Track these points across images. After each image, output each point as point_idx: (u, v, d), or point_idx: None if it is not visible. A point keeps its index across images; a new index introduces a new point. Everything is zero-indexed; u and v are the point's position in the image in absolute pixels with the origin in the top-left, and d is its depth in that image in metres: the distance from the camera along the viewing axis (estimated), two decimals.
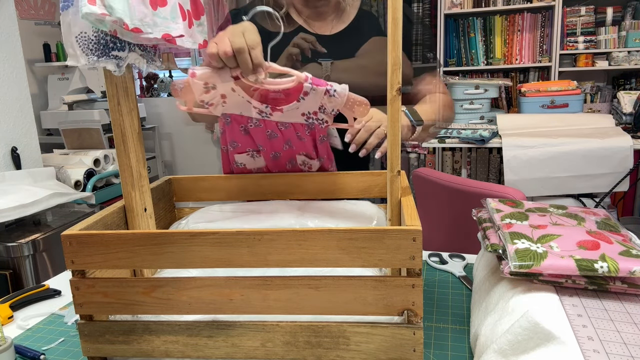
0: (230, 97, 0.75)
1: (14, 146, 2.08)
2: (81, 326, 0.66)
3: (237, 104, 0.76)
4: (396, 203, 0.66)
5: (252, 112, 0.77)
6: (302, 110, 0.75)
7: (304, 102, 0.74)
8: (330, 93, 0.72)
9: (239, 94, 0.75)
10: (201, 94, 0.75)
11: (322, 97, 0.72)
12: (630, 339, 0.51)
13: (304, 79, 0.72)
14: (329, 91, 0.72)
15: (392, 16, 0.59)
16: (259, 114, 0.77)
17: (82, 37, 0.66)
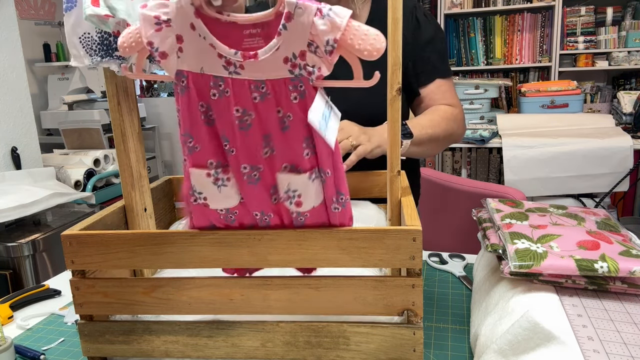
0: (189, 39, 0.52)
1: (14, 146, 2.08)
2: (81, 326, 0.66)
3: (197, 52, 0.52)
4: (396, 203, 0.66)
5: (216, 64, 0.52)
6: (284, 51, 0.50)
7: (286, 36, 0.49)
8: (324, 12, 0.48)
9: (200, 33, 0.51)
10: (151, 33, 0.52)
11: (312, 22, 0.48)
12: (630, 339, 0.51)
13: None
14: (321, 10, 0.48)
15: (392, 16, 0.59)
16: (226, 67, 0.52)
17: (85, 37, 0.66)
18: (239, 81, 0.52)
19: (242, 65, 0.51)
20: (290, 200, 0.56)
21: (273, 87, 0.52)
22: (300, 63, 0.50)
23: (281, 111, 0.52)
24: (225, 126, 0.54)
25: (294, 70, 0.51)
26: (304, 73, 0.51)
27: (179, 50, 0.53)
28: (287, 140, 0.53)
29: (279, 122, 0.53)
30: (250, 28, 0.52)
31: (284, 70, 0.51)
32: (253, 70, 0.51)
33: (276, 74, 0.51)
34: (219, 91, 0.53)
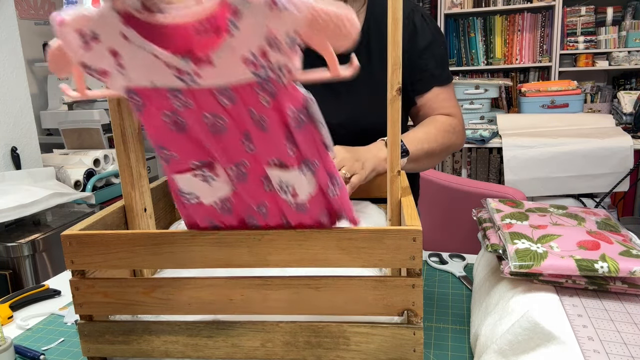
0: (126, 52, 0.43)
1: (13, 146, 2.08)
2: (81, 326, 0.66)
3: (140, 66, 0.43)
4: (396, 203, 0.66)
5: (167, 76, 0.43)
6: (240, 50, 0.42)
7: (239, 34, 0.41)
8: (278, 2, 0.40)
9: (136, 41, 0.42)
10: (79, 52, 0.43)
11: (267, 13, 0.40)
12: (630, 339, 0.51)
13: None
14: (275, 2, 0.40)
15: (392, 16, 0.59)
16: (180, 78, 0.43)
17: None
18: (201, 91, 0.45)
19: (198, 74, 0.43)
20: (285, 193, 0.53)
21: (238, 91, 0.45)
22: (263, 63, 0.43)
23: (254, 112, 0.46)
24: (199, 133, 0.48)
25: (257, 71, 0.43)
26: (270, 74, 0.43)
27: (118, 66, 0.44)
28: (268, 139, 0.48)
29: (255, 123, 0.47)
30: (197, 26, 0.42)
31: (247, 73, 0.43)
32: (212, 77, 0.44)
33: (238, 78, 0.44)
34: (181, 102, 0.46)
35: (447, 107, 1.02)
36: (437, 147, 0.95)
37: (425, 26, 1.01)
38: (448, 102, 1.03)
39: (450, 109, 1.02)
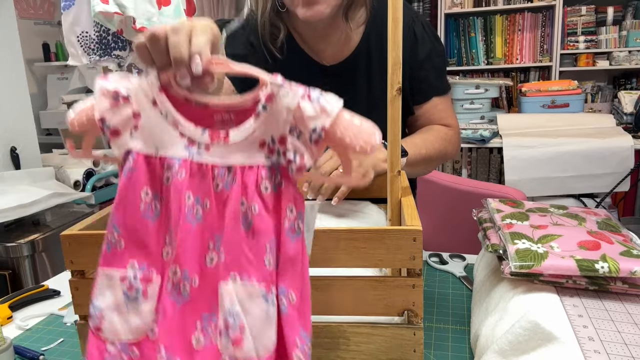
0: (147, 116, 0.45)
1: (13, 146, 2.07)
2: (80, 326, 0.66)
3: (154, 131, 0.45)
4: (396, 203, 0.66)
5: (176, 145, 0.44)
6: (261, 135, 0.42)
7: (265, 118, 0.42)
8: (313, 97, 0.41)
9: (163, 110, 0.45)
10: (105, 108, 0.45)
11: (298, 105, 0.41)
12: (631, 340, 0.51)
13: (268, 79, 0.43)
14: (310, 95, 0.41)
15: (392, 16, 0.59)
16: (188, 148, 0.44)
17: (83, 36, 0.66)
18: (201, 165, 0.44)
19: (208, 147, 0.44)
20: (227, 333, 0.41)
21: (242, 173, 0.43)
22: (279, 148, 0.42)
23: (245, 203, 0.42)
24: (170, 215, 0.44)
25: (270, 156, 0.43)
26: (282, 161, 0.42)
27: (133, 128, 0.45)
28: (245, 239, 0.42)
29: (241, 217, 0.42)
30: (222, 113, 0.45)
31: (259, 156, 0.43)
32: (220, 153, 0.43)
33: (249, 159, 0.43)
34: (172, 174, 0.44)
35: (444, 117, 1.04)
36: (434, 153, 0.96)
37: (425, 36, 1.01)
38: (446, 112, 1.04)
39: (448, 120, 1.04)
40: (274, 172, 0.43)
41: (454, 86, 2.68)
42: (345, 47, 0.99)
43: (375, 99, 0.99)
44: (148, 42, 0.46)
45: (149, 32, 0.45)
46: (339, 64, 1.00)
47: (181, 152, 0.44)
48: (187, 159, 0.44)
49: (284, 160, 0.42)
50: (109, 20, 0.62)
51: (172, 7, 0.66)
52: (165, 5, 0.65)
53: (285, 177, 0.42)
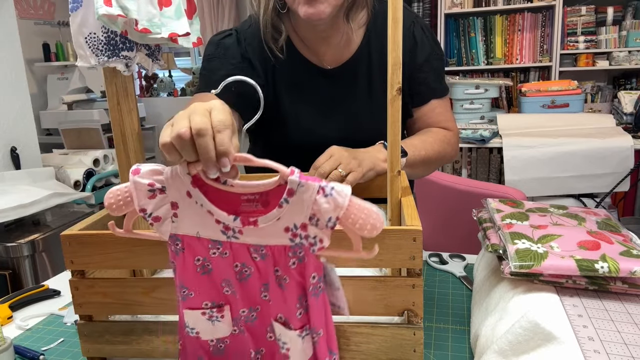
0: (185, 206, 0.52)
1: (13, 146, 2.08)
2: (81, 326, 0.66)
3: (193, 218, 0.53)
4: (396, 203, 0.66)
5: (214, 229, 0.52)
6: (285, 222, 0.50)
7: (288, 208, 0.50)
8: (327, 192, 0.48)
9: (197, 200, 0.52)
10: (144, 200, 0.52)
11: (314, 199, 0.49)
12: (630, 340, 0.51)
13: (289, 174, 0.49)
14: (324, 189, 0.49)
15: (392, 16, 0.59)
16: (224, 232, 0.52)
17: (91, 37, 0.66)
18: (238, 245, 0.53)
19: (241, 231, 0.52)
20: (280, 350, 0.56)
21: (272, 251, 0.52)
22: (301, 233, 0.51)
23: (279, 271, 0.53)
24: (225, 276, 0.55)
25: (294, 239, 0.51)
26: (304, 243, 0.51)
27: (173, 216, 0.54)
28: (282, 296, 0.54)
29: (276, 279, 0.53)
30: (248, 195, 0.53)
31: (285, 238, 0.52)
32: (252, 235, 0.52)
33: (276, 241, 0.52)
34: (219, 252, 0.54)
35: (443, 120, 1.04)
36: (433, 155, 0.96)
37: (425, 39, 1.01)
38: (444, 115, 1.04)
39: (446, 123, 1.04)
40: (298, 250, 0.52)
41: (454, 86, 2.68)
42: (346, 50, 0.99)
43: (376, 102, 0.99)
44: (176, 143, 0.49)
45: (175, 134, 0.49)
46: (340, 67, 0.99)
47: (220, 236, 0.53)
48: (227, 241, 0.53)
49: (306, 242, 0.51)
50: (113, 23, 0.62)
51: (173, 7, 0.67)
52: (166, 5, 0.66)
53: (307, 253, 0.52)
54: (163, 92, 3.95)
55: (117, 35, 0.66)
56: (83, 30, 0.66)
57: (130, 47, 0.68)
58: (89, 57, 0.67)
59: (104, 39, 0.66)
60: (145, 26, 0.64)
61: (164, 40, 0.68)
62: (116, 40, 0.66)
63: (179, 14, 0.68)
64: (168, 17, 0.67)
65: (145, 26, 0.64)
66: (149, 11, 0.64)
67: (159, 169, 0.53)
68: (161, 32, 0.66)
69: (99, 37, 0.66)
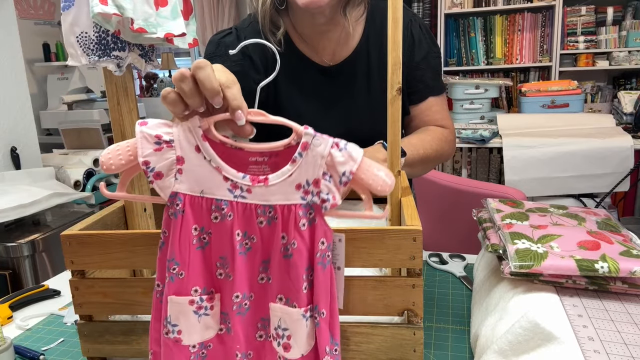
0: (191, 161, 0.50)
1: (13, 146, 2.07)
2: (81, 326, 0.66)
3: (199, 175, 0.50)
4: (396, 203, 0.66)
5: (220, 187, 0.50)
6: (297, 178, 0.49)
7: (301, 163, 0.49)
8: (341, 146, 0.48)
9: (206, 156, 0.50)
10: (148, 151, 0.50)
11: (329, 152, 0.48)
12: (630, 340, 0.51)
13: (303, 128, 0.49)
14: (338, 144, 0.48)
15: (392, 16, 0.59)
16: (232, 190, 0.50)
17: (82, 37, 0.66)
18: (245, 205, 0.50)
19: (250, 190, 0.50)
20: (278, 341, 0.51)
21: (282, 212, 0.50)
22: (313, 190, 0.49)
23: (286, 238, 0.50)
24: (223, 250, 0.51)
25: (306, 197, 0.50)
26: (316, 200, 0.49)
27: (177, 172, 0.51)
28: (286, 269, 0.50)
29: (282, 248, 0.50)
30: (257, 156, 0.51)
31: (296, 196, 0.50)
32: (261, 195, 0.50)
33: (286, 199, 0.50)
34: (221, 214, 0.50)
35: (440, 118, 1.04)
36: (432, 153, 0.97)
37: (423, 38, 1.02)
38: (441, 113, 1.05)
39: (443, 121, 1.04)
40: (309, 210, 0.49)
41: (454, 86, 2.68)
42: (345, 47, 1.00)
43: (375, 100, 0.99)
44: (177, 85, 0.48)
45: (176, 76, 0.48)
46: (339, 65, 1.00)
47: (226, 195, 0.50)
48: (233, 201, 0.50)
49: (318, 199, 0.49)
50: (107, 22, 0.62)
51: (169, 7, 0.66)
52: (162, 5, 0.66)
53: (318, 214, 0.49)
54: None
55: (108, 35, 0.66)
56: (74, 29, 0.66)
57: (122, 47, 0.68)
58: (79, 57, 0.67)
59: (95, 39, 0.66)
60: (141, 26, 0.64)
61: (160, 41, 0.68)
62: (107, 40, 0.66)
63: (175, 14, 0.68)
64: (164, 17, 0.67)
65: (141, 26, 0.64)
66: (145, 11, 0.64)
67: (168, 122, 0.51)
68: (157, 32, 0.65)
69: (90, 36, 0.66)
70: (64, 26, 0.66)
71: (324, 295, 0.50)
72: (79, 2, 0.65)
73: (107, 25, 0.64)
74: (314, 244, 0.49)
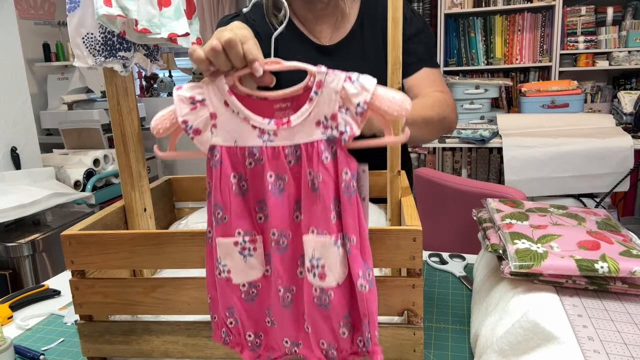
0: (223, 115, 0.55)
1: (13, 146, 2.08)
2: (81, 326, 0.66)
3: (230, 127, 0.55)
4: (396, 203, 0.66)
5: (250, 135, 0.55)
6: (316, 115, 0.53)
7: (318, 101, 0.52)
8: (353, 79, 0.52)
9: (234, 109, 0.55)
10: (185, 111, 0.56)
11: (342, 87, 0.51)
12: (630, 339, 0.51)
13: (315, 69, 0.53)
14: (350, 77, 0.52)
15: (392, 16, 0.59)
16: (260, 136, 0.55)
17: (88, 38, 0.66)
18: (274, 148, 0.54)
19: (276, 133, 0.54)
20: (314, 272, 0.53)
21: (306, 149, 0.54)
22: (332, 124, 0.53)
23: (312, 173, 0.53)
24: (260, 193, 0.56)
25: (325, 131, 0.53)
26: (335, 134, 0.53)
27: (212, 127, 0.56)
28: (315, 202, 0.53)
29: (309, 183, 0.53)
30: (280, 102, 0.56)
31: (317, 132, 0.53)
32: (286, 136, 0.54)
33: (309, 137, 0.53)
34: (254, 159, 0.55)
35: (436, 86, 1.03)
36: (434, 115, 0.95)
37: (414, 18, 1.05)
38: (438, 83, 1.04)
39: (440, 87, 1.03)
40: (330, 144, 0.53)
41: (454, 86, 2.68)
42: (342, 29, 1.05)
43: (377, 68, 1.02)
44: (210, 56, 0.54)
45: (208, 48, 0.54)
46: (336, 45, 1.05)
47: (256, 141, 0.55)
48: (262, 146, 0.55)
49: (337, 133, 0.52)
50: (112, 23, 0.62)
51: (173, 7, 0.67)
52: (165, 6, 0.66)
53: (339, 147, 0.52)
54: (163, 92, 3.95)
55: (114, 35, 0.66)
56: (80, 30, 0.66)
57: (128, 47, 0.68)
58: (86, 58, 0.67)
59: (101, 39, 0.66)
60: (145, 26, 0.64)
61: (163, 41, 0.68)
62: (113, 41, 0.67)
63: (179, 14, 0.68)
64: (167, 17, 0.67)
65: (144, 26, 0.64)
66: (149, 11, 0.64)
67: (198, 84, 0.56)
68: (160, 33, 0.66)
69: (96, 37, 0.66)
70: (69, 27, 0.67)
71: (352, 224, 0.52)
72: (84, 4, 0.65)
73: (112, 27, 0.64)
74: (338, 176, 0.52)
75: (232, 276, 0.56)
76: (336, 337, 0.54)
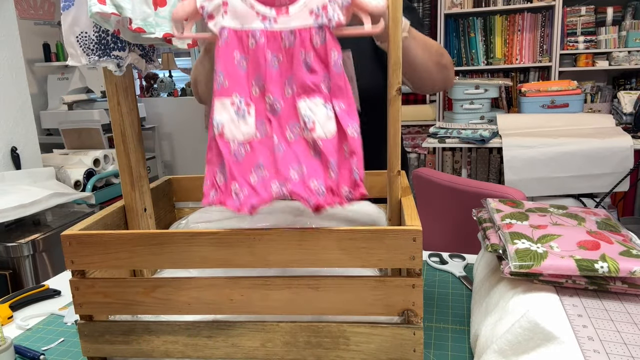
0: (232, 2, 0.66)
1: (13, 146, 2.08)
2: (81, 326, 0.66)
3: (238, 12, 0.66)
4: (396, 203, 0.66)
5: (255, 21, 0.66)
6: (309, 6, 0.64)
7: None
8: None
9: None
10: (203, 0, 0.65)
11: None
12: (630, 339, 0.51)
13: None
14: None
15: (392, 16, 0.59)
16: (262, 22, 0.65)
17: (82, 36, 0.66)
18: (273, 32, 0.65)
19: (276, 20, 0.65)
20: (305, 126, 0.62)
21: (300, 34, 0.64)
22: (322, 13, 0.63)
23: (304, 54, 0.64)
24: (257, 69, 0.65)
25: (317, 19, 0.63)
26: (325, 21, 0.63)
27: (224, 12, 0.66)
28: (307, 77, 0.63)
29: (302, 62, 0.64)
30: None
31: (310, 20, 0.64)
32: (284, 22, 0.65)
33: (304, 23, 0.64)
34: (256, 40, 0.65)
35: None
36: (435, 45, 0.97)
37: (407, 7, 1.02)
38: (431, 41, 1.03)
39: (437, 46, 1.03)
40: (321, 31, 0.63)
41: (454, 86, 2.68)
42: None
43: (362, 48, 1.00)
44: None
45: None
46: None
47: (259, 25, 0.65)
48: (264, 29, 0.65)
49: (326, 20, 0.63)
50: (106, 21, 0.62)
51: (168, 7, 0.67)
52: (161, 6, 0.66)
53: (328, 31, 0.63)
54: (163, 92, 3.95)
55: (108, 34, 0.66)
56: (74, 29, 0.66)
57: (122, 47, 0.68)
58: (79, 57, 0.67)
59: (95, 39, 0.66)
60: (140, 25, 0.64)
61: (158, 41, 0.68)
62: (107, 40, 0.66)
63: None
64: (163, 17, 0.67)
65: (139, 25, 0.64)
66: (144, 10, 0.64)
67: None
68: (155, 32, 0.65)
69: (90, 36, 0.66)
70: (63, 26, 0.66)
71: (341, 93, 0.63)
72: (79, 2, 0.65)
73: (106, 25, 0.64)
74: (328, 57, 0.63)
75: (225, 131, 0.63)
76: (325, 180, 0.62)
